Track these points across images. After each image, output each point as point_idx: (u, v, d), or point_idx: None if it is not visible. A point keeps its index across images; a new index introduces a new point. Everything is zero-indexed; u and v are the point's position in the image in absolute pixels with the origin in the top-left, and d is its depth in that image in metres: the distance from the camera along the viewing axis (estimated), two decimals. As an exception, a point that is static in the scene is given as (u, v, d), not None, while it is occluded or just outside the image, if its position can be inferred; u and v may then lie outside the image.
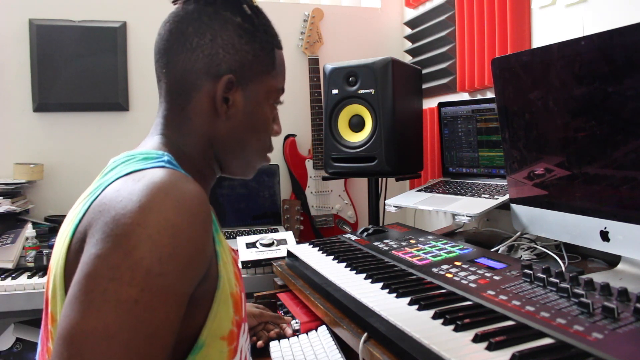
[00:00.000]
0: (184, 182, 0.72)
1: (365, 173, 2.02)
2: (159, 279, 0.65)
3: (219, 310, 0.77)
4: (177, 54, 0.85)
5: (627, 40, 1.06)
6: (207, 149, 0.89)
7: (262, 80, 0.89)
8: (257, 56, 0.88)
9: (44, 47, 2.33)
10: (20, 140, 2.36)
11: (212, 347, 0.76)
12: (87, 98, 2.39)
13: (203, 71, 0.84)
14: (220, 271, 0.79)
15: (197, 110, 0.86)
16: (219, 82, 0.85)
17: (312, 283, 1.36)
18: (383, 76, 1.91)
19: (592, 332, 0.80)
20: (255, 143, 0.93)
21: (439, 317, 0.94)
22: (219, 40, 0.84)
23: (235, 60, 0.85)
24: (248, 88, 0.88)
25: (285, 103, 1.01)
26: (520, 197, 1.51)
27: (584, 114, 1.21)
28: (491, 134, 1.94)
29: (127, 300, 0.62)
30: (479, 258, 1.28)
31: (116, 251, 0.64)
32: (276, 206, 2.56)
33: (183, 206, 0.69)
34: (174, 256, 0.66)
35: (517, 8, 1.87)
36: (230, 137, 0.89)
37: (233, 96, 0.86)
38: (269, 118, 0.93)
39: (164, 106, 0.89)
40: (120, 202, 0.67)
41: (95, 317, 0.61)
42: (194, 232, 0.69)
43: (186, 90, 0.86)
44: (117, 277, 0.62)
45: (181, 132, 0.87)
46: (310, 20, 2.67)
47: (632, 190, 1.13)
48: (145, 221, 0.65)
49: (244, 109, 0.88)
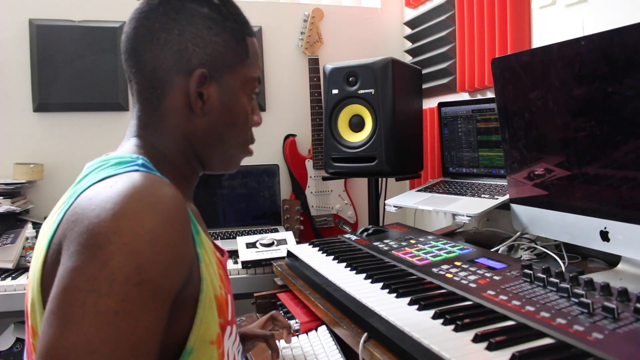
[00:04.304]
0: (158, 186, 0.70)
1: (365, 173, 2.02)
2: (139, 288, 0.63)
3: (205, 314, 0.75)
4: (146, 52, 0.82)
5: (627, 41, 1.06)
6: (186, 147, 0.86)
7: (236, 71, 0.86)
8: (229, 46, 0.85)
9: (44, 47, 2.33)
10: (21, 140, 2.36)
11: (201, 352, 0.75)
12: (87, 98, 2.39)
13: (174, 68, 0.82)
14: (203, 274, 0.77)
15: (171, 109, 0.83)
16: (191, 77, 0.82)
17: (312, 283, 1.36)
18: (383, 76, 1.91)
19: (592, 332, 0.81)
20: (236, 137, 0.90)
21: (439, 317, 0.94)
22: (187, 34, 0.81)
23: (206, 54, 0.82)
24: (222, 81, 0.85)
25: (285, 103, 1.01)
26: (520, 197, 1.51)
27: (584, 114, 1.21)
28: (491, 134, 1.94)
29: (106, 312, 0.60)
30: (479, 258, 1.28)
31: (92, 262, 0.62)
32: (276, 206, 2.56)
33: (158, 211, 0.67)
34: (152, 263, 0.64)
35: (517, 8, 1.87)
36: (209, 133, 0.86)
37: (207, 91, 0.83)
38: (247, 110, 0.89)
39: (137, 107, 0.86)
40: (93, 211, 0.65)
41: (75, 332, 0.59)
42: (171, 237, 0.67)
43: (158, 89, 0.83)
44: (94, 289, 0.60)
45: (157, 133, 0.85)
46: (310, 20, 2.67)
47: (632, 190, 1.13)
48: (120, 229, 0.63)
49: (221, 102, 0.85)
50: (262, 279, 1.92)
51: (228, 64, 0.85)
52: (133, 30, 0.83)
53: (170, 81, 0.82)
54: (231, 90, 0.86)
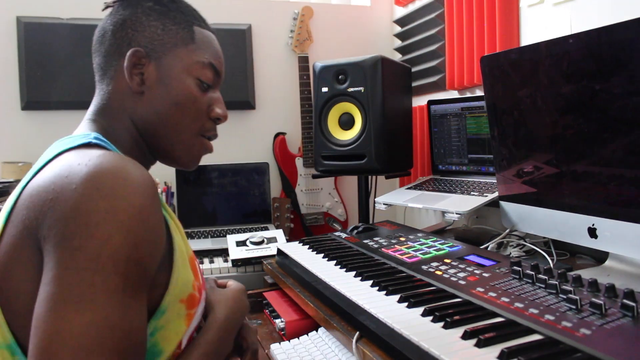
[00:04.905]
0: (131, 164, 0.71)
1: (355, 171, 2.02)
2: (137, 267, 0.65)
3: (179, 273, 0.77)
4: (99, 47, 0.88)
5: (615, 39, 1.07)
6: (133, 130, 0.87)
7: (176, 53, 0.87)
8: (168, 29, 0.87)
9: (32, 45, 2.31)
10: (9, 139, 2.33)
11: (171, 310, 0.76)
12: (76, 96, 2.36)
13: (117, 52, 0.85)
14: (172, 233, 0.79)
15: (115, 90, 0.86)
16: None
17: (302, 281, 1.36)
18: (372, 74, 1.91)
19: (580, 328, 0.81)
20: (182, 121, 0.88)
21: (429, 314, 0.95)
22: (128, 22, 0.86)
23: (144, 36, 0.85)
24: (162, 61, 0.86)
25: (275, 101, 1.00)
26: (509, 195, 1.51)
27: (572, 111, 1.21)
28: (480, 131, 1.94)
29: (116, 290, 0.62)
30: (469, 255, 1.29)
31: (91, 242, 0.62)
32: (266, 204, 2.55)
33: (142, 189, 0.68)
34: (145, 241, 0.67)
35: (505, 6, 1.87)
36: (151, 112, 0.86)
37: (147, 70, 0.85)
38: (191, 91, 0.88)
39: (95, 93, 0.90)
40: (76, 190, 0.64)
41: (90, 310, 0.60)
42: (156, 213, 0.70)
43: (106, 75, 0.87)
44: (99, 267, 0.62)
45: (106, 115, 0.87)
46: (300, 19, 2.66)
47: (619, 188, 1.14)
48: (114, 208, 0.64)
49: (160, 81, 0.86)
50: (252, 277, 1.92)
51: (168, 46, 0.86)
52: (94, 36, 0.90)
53: (114, 65, 0.86)
54: (171, 70, 0.86)
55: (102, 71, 0.88)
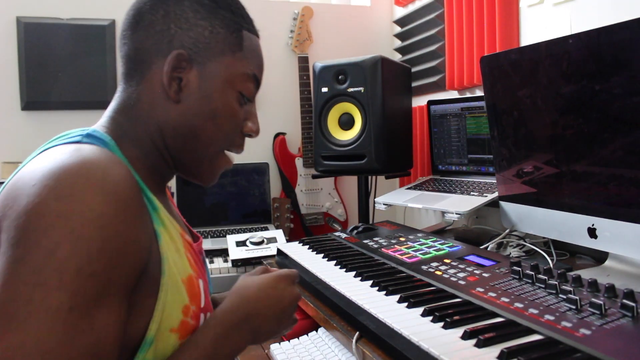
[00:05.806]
0: (106, 162, 0.63)
1: (355, 171, 2.02)
2: (92, 280, 0.56)
3: (167, 299, 0.68)
4: (132, 34, 0.77)
5: (615, 39, 1.07)
6: (157, 136, 0.78)
7: (222, 61, 0.78)
8: (216, 32, 0.78)
9: (32, 45, 2.31)
10: (9, 139, 2.33)
11: (160, 341, 0.68)
12: (76, 96, 2.37)
13: (154, 48, 0.76)
14: (164, 254, 0.70)
15: (146, 91, 0.77)
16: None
17: (302, 281, 1.36)
18: (372, 74, 1.91)
19: (580, 328, 0.81)
20: (214, 135, 0.80)
21: (429, 315, 0.95)
22: (171, 15, 0.76)
23: (189, 36, 0.76)
24: (206, 68, 0.77)
25: (275, 101, 0.99)
26: (509, 195, 1.51)
27: (572, 111, 1.21)
28: (480, 132, 1.94)
29: (59, 308, 0.54)
30: (468, 255, 1.29)
31: (36, 251, 0.55)
32: (266, 204, 2.55)
33: (107, 191, 0.60)
34: (104, 252, 0.58)
35: (505, 6, 1.87)
36: (184, 123, 0.77)
37: (187, 76, 0.76)
38: (231, 105, 0.80)
39: (119, 88, 0.80)
40: (33, 187, 0.58)
41: (21, 331, 0.52)
42: (123, 220, 0.61)
43: (137, 70, 0.77)
44: (41, 282, 0.54)
45: (129, 116, 0.78)
46: (299, 19, 2.66)
47: (619, 188, 1.14)
48: (66, 212, 0.56)
49: (200, 91, 0.77)
50: (252, 277, 1.91)
51: (214, 52, 0.78)
52: (126, 17, 0.79)
53: (149, 62, 0.77)
54: (214, 80, 0.78)
55: (132, 65, 0.78)
